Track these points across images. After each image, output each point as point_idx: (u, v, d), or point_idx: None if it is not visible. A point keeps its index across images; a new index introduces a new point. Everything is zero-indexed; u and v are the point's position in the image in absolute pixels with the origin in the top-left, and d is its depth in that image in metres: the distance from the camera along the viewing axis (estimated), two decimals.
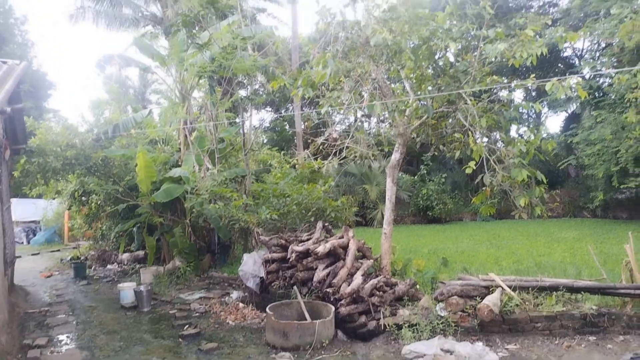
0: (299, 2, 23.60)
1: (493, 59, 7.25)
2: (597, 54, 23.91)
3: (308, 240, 8.17)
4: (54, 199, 16.03)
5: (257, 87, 26.41)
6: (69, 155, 11.32)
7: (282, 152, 21.06)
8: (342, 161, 9.48)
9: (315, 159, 10.87)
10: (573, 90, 6.33)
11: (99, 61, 12.54)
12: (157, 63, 12.52)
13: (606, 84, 20.26)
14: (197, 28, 12.63)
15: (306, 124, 26.64)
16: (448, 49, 7.92)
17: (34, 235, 21.31)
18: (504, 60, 7.35)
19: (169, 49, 12.50)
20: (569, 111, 26.36)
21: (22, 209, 19.88)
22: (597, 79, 20.54)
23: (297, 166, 17.11)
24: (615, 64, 17.63)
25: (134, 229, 13.10)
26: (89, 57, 66.38)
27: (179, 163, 12.47)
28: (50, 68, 53.95)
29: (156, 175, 11.40)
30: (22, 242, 20.67)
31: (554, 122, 38.25)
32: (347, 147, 9.03)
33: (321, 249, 7.24)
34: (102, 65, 12.57)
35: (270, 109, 33.21)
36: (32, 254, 16.84)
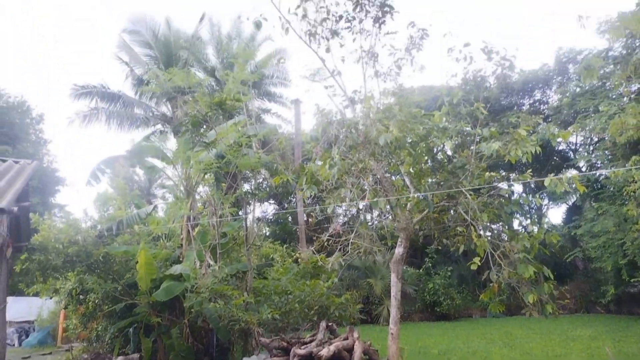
0: (302, 102, 24.89)
1: (489, 156, 7.47)
2: (591, 148, 24.66)
3: (311, 342, 7.82)
4: (51, 297, 15.62)
5: (260, 180, 26.99)
6: (71, 252, 11.23)
7: (285, 246, 20.89)
8: (345, 256, 9.36)
9: (319, 253, 10.76)
10: (571, 185, 6.44)
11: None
12: (164, 163, 12.90)
13: (603, 176, 20.64)
14: (204, 127, 13.20)
15: (310, 220, 26.79)
16: (445, 145, 8.21)
17: (27, 336, 20.41)
18: (500, 155, 7.56)
19: (177, 147, 12.96)
20: (570, 203, 26.56)
21: (16, 308, 19.29)
22: (595, 171, 20.98)
23: (299, 260, 16.88)
24: (609, 157, 18.10)
25: (130, 329, 12.58)
26: (99, 154, 68.82)
27: (180, 259, 12.34)
28: (61, 164, 55.82)
29: (157, 272, 11.21)
30: (14, 344, 19.75)
31: (555, 213, 38.23)
32: (351, 243, 8.97)
33: (325, 352, 6.90)
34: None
35: (273, 202, 33.56)
36: (23, 358, 16.02)
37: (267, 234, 29.23)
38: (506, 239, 8.11)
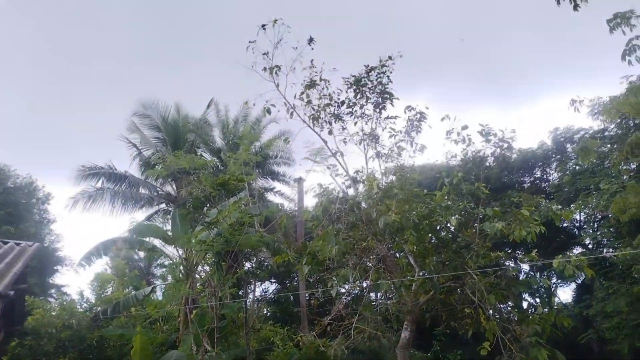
0: (305, 180, 25.18)
1: (493, 235, 7.41)
2: (596, 225, 24.42)
3: None
4: None
5: (262, 259, 26.55)
6: (64, 336, 10.87)
7: (286, 328, 20.05)
8: (348, 341, 8.95)
9: (321, 337, 10.30)
10: (580, 268, 6.34)
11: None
12: (164, 243, 12.83)
13: (611, 253, 20.26)
14: (207, 206, 13.25)
15: (313, 302, 26.03)
16: (449, 223, 8.18)
17: None
18: (504, 235, 7.49)
19: (178, 227, 12.92)
20: (579, 281, 25.83)
21: None
22: (601, 249, 20.65)
23: (301, 344, 16.14)
24: (614, 235, 17.91)
25: None
26: (101, 233, 68.57)
27: (177, 344, 11.83)
28: (63, 243, 55.28)
29: (152, 358, 10.71)
30: None
31: (565, 291, 37.08)
32: (355, 328, 8.62)
33: None
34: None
35: (274, 280, 32.73)
36: None
37: (268, 314, 28.21)
38: (516, 319, 7.84)
